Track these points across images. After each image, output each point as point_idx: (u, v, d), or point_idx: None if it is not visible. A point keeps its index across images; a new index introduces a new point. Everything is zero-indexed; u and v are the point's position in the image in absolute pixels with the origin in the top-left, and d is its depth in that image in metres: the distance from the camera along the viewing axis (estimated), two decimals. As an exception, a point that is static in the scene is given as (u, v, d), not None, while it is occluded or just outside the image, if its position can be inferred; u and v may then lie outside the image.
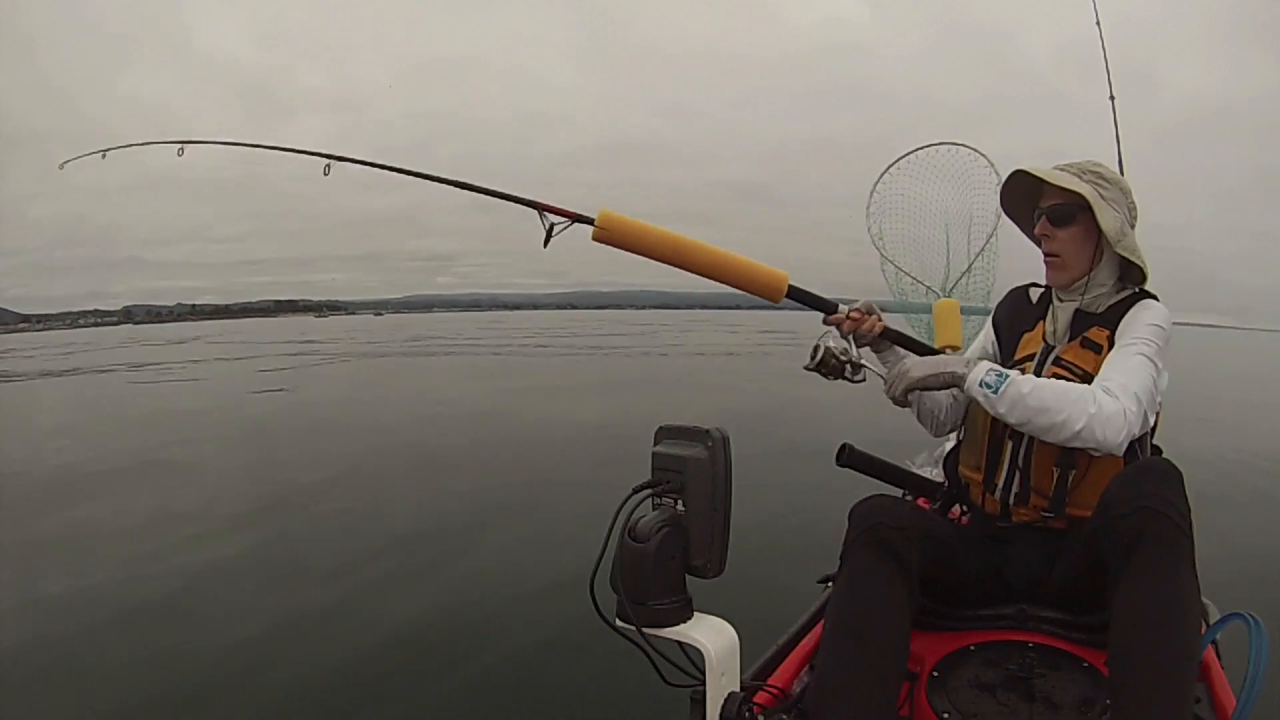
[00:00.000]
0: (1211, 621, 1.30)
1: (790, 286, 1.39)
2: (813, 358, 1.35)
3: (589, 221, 1.34)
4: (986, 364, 1.21)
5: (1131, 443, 1.24)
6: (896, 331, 1.43)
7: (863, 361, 1.36)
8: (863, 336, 1.38)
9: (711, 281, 1.39)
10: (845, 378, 1.36)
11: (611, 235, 1.34)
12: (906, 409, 1.42)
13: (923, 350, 1.47)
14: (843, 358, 1.34)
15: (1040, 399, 1.14)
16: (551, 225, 1.36)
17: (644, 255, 1.35)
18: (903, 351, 1.45)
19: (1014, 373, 1.19)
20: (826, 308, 1.41)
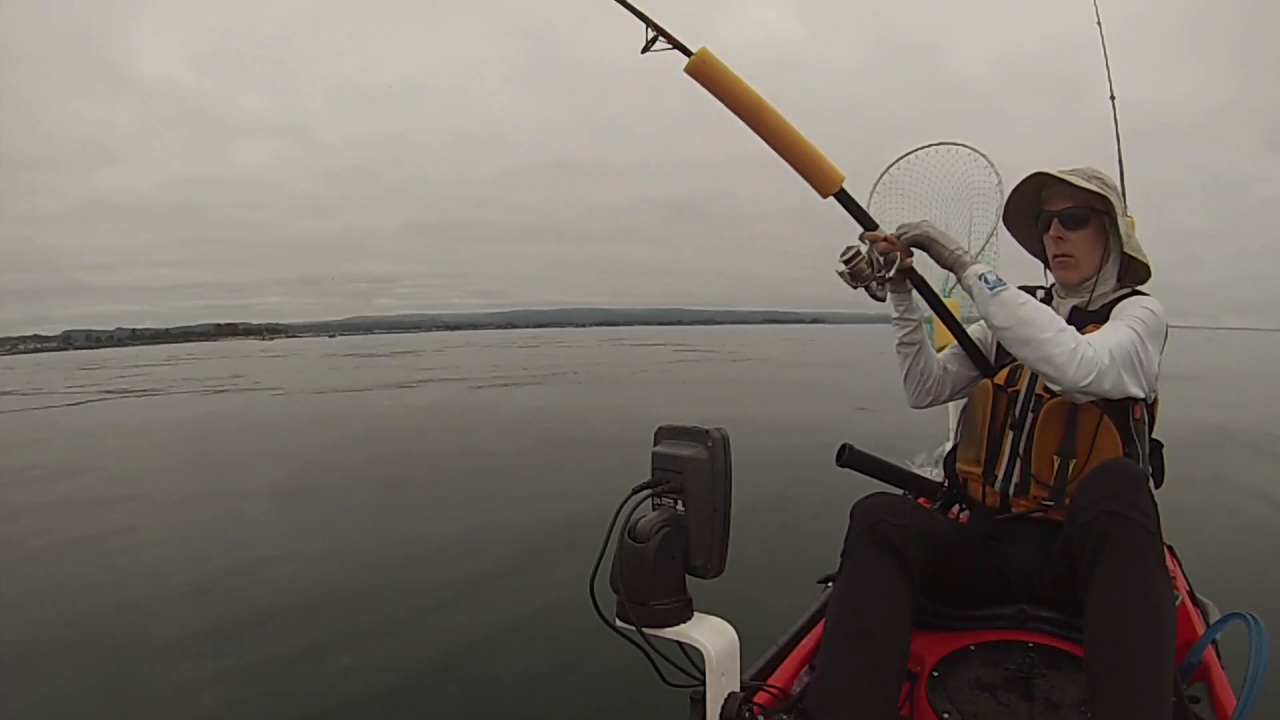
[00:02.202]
0: (1211, 621, 1.29)
1: (842, 189, 1.41)
2: (845, 253, 1.37)
3: (688, 52, 1.35)
4: (989, 266, 1.26)
5: (1130, 434, 1.26)
6: (921, 277, 1.45)
7: (888, 275, 1.38)
8: (893, 262, 1.39)
9: (775, 153, 1.39)
10: (869, 289, 1.39)
11: (703, 72, 1.35)
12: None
13: (938, 306, 1.49)
14: (874, 268, 1.37)
15: (1030, 313, 1.17)
16: (655, 38, 1.37)
17: (725, 102, 1.36)
18: (918, 297, 1.49)
19: (1013, 285, 1.22)
20: (867, 223, 1.43)
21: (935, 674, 1.17)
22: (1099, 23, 2.94)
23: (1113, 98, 2.87)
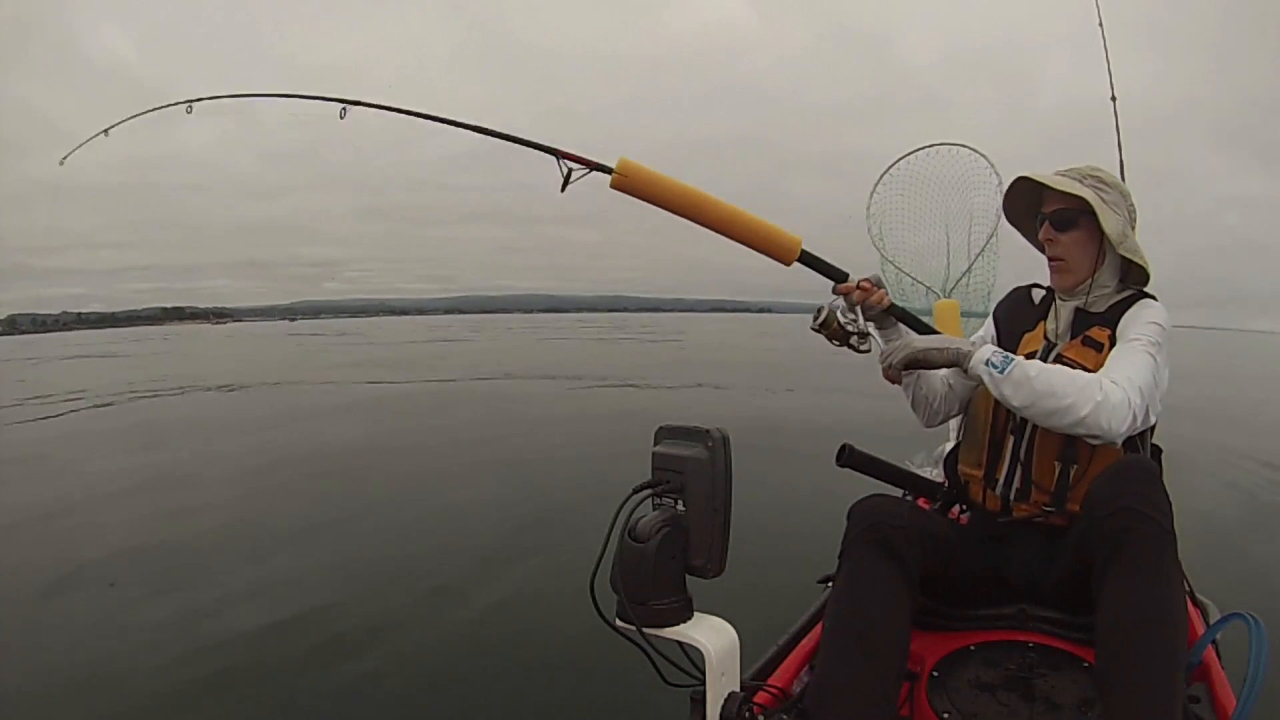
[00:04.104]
0: (1211, 621, 1.30)
1: (802, 251, 1.40)
2: (816, 318, 1.37)
3: (607, 170, 1.34)
4: (992, 346, 1.23)
5: (1133, 439, 1.25)
6: (902, 309, 1.43)
7: (869, 330, 1.38)
8: (870, 308, 1.39)
9: (724, 238, 1.39)
10: (850, 345, 1.39)
11: (630, 184, 1.33)
12: (898, 384, 1.43)
13: (926, 331, 1.48)
14: (848, 325, 1.36)
15: (1048, 383, 1.14)
16: (570, 171, 1.35)
17: (661, 206, 1.35)
18: (905, 329, 1.47)
19: (1019, 357, 1.20)
20: (837, 276, 1.42)
21: (935, 674, 1.17)
22: (1100, 23, 2.93)
23: (1114, 98, 2.86)
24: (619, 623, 0.95)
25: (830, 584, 1.26)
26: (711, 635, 0.94)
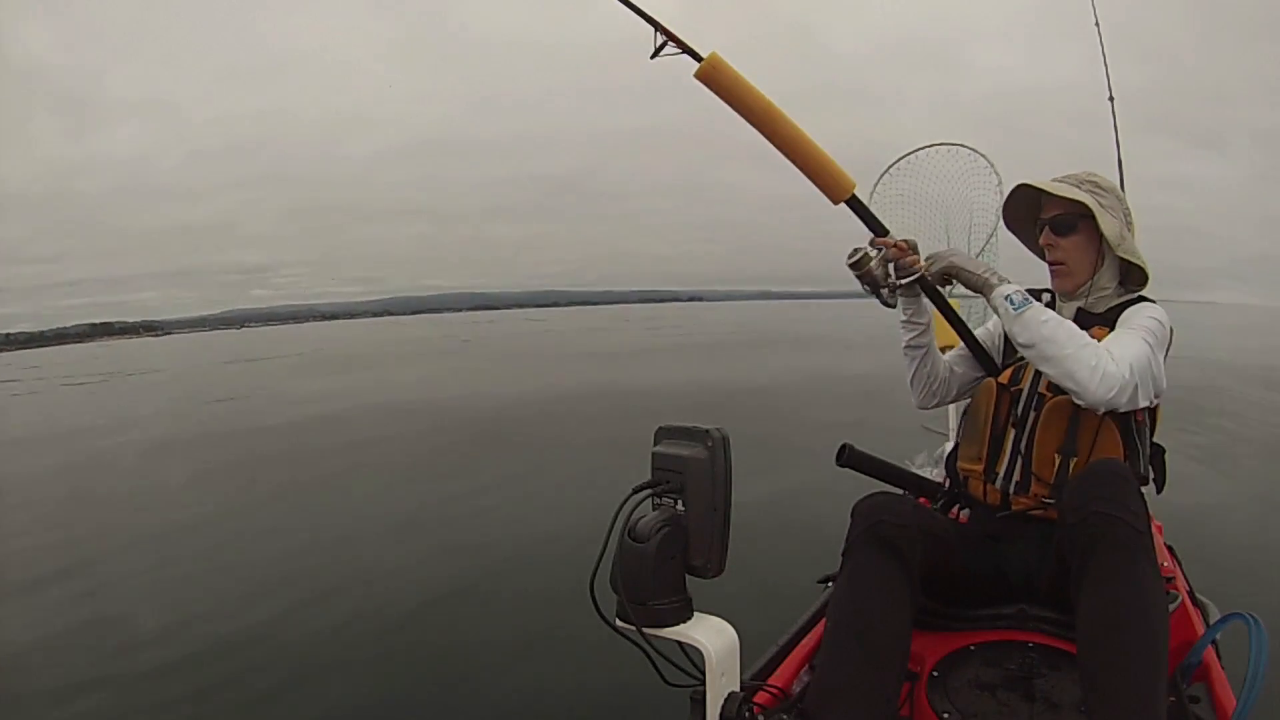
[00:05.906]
0: (1211, 621, 1.30)
1: (853, 195, 1.41)
2: (851, 256, 1.38)
3: (698, 57, 1.34)
4: (1017, 285, 1.27)
5: (1131, 436, 1.27)
6: (931, 284, 1.43)
7: (900, 282, 1.38)
8: (903, 269, 1.39)
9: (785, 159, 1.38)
10: (879, 294, 1.40)
11: (713, 77, 1.34)
12: (916, 298, 1.43)
13: (949, 310, 1.48)
14: (881, 272, 1.38)
15: (1054, 331, 1.18)
16: (663, 44, 1.35)
17: (735, 108, 1.35)
18: (928, 303, 1.48)
19: (1038, 303, 1.23)
20: (878, 229, 1.43)
21: (935, 674, 1.17)
22: (1097, 23, 2.94)
23: (1111, 99, 2.87)
24: (619, 623, 0.95)
25: (830, 584, 1.26)
26: (711, 635, 0.94)
